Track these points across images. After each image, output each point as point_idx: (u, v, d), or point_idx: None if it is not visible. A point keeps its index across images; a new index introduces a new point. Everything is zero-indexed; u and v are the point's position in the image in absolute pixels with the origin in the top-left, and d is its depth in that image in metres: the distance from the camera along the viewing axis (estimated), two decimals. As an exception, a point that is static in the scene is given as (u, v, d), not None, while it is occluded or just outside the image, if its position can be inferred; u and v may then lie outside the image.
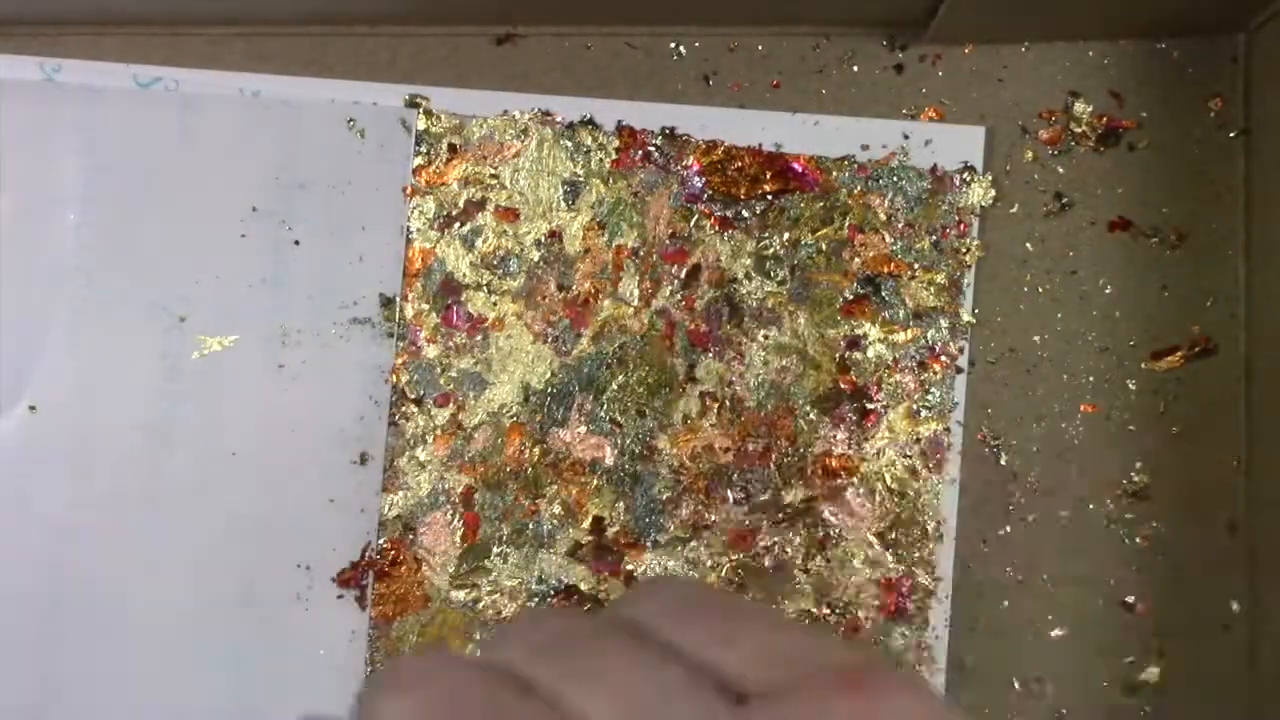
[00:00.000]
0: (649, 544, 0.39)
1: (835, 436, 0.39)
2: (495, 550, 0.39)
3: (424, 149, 0.39)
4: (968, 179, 0.39)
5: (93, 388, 0.38)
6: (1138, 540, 0.39)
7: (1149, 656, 0.39)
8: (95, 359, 0.38)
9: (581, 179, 0.39)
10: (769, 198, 0.39)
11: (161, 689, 0.38)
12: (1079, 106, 0.39)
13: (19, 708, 0.38)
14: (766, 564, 0.39)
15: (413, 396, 0.39)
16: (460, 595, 0.39)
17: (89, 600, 0.38)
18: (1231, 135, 0.39)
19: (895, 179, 0.39)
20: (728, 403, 0.39)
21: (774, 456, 0.39)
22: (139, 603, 0.38)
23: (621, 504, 0.39)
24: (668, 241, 0.39)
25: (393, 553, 0.38)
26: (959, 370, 0.39)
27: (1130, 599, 0.39)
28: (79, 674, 0.38)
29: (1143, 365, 0.39)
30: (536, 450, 0.39)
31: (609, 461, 0.39)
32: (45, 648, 0.38)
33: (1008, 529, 0.39)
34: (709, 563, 0.39)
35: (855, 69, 0.40)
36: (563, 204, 0.39)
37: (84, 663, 0.38)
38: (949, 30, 0.38)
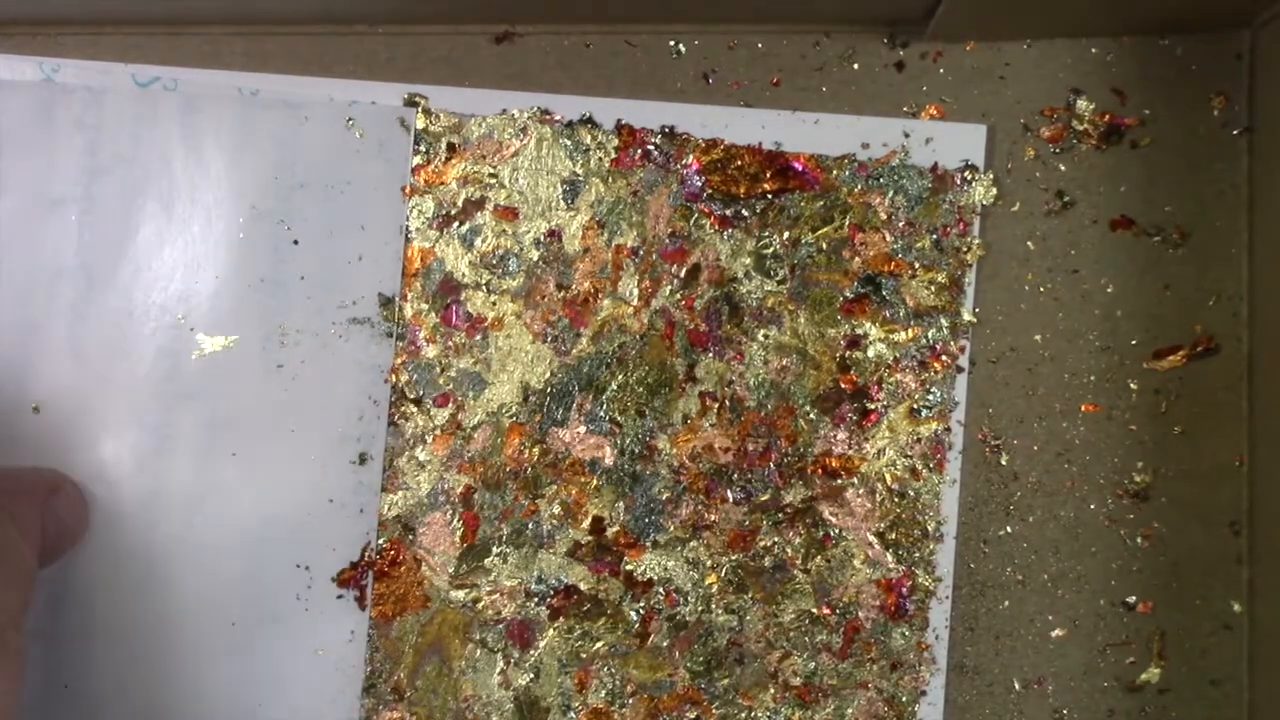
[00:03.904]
0: (649, 544, 0.39)
1: (835, 436, 0.39)
2: (495, 550, 0.39)
3: (423, 148, 0.39)
4: (969, 177, 0.39)
5: (92, 388, 0.38)
6: (1139, 540, 0.39)
7: (1150, 656, 0.39)
8: (95, 359, 0.38)
9: (581, 178, 0.39)
10: (769, 196, 0.39)
11: (159, 688, 0.38)
12: (1081, 104, 0.39)
13: (16, 707, 0.38)
14: (766, 564, 0.39)
15: (412, 396, 0.39)
16: (460, 595, 0.39)
17: (86, 601, 0.38)
18: (1235, 133, 0.39)
19: (896, 178, 0.39)
20: (728, 402, 0.39)
21: (774, 456, 0.39)
22: (137, 601, 0.38)
23: (621, 504, 0.39)
24: (667, 240, 0.39)
25: (392, 553, 0.39)
26: (960, 370, 0.39)
27: (1131, 599, 0.39)
28: (76, 675, 0.38)
29: (1144, 364, 0.39)
30: (536, 450, 0.39)
31: (608, 461, 0.39)
32: (43, 648, 0.38)
33: (1008, 529, 0.39)
34: (709, 563, 0.39)
35: (855, 66, 0.39)
36: (562, 203, 0.39)
37: (81, 663, 0.38)
38: (949, 27, 0.38)
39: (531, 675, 0.39)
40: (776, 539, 0.39)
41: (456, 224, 0.39)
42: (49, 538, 0.34)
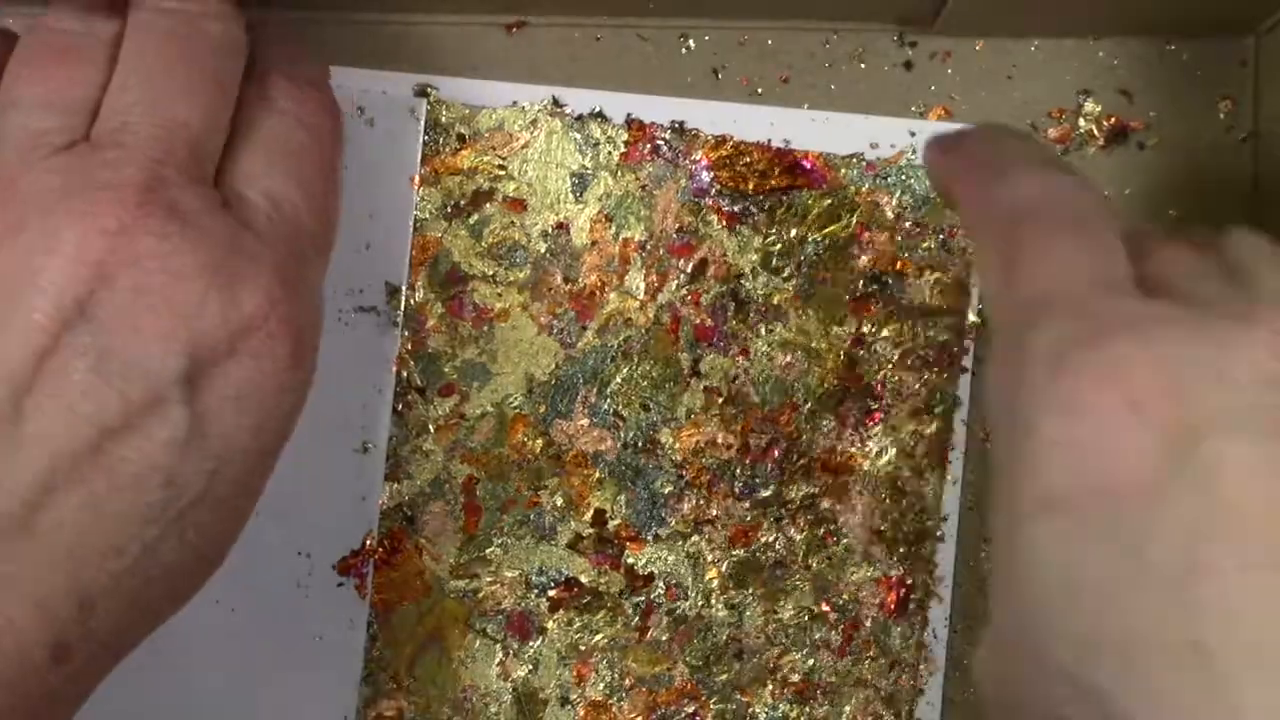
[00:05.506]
0: (650, 537, 0.39)
1: (839, 434, 0.39)
2: (496, 541, 0.39)
3: (432, 138, 0.39)
4: (976, 178, 0.39)
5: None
6: (1139, 542, 0.39)
7: (1148, 658, 0.39)
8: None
9: (590, 171, 0.39)
10: (777, 194, 0.39)
11: (159, 675, 0.38)
12: (1089, 105, 0.39)
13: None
14: (767, 560, 0.39)
15: (416, 386, 0.39)
16: (460, 585, 0.39)
17: (89, 584, 0.38)
18: (1241, 138, 0.39)
19: (904, 177, 0.39)
20: (732, 398, 0.39)
21: (777, 452, 0.39)
22: (139, 587, 0.38)
23: (623, 497, 0.39)
24: (675, 236, 0.39)
25: (393, 542, 0.38)
26: (963, 370, 0.39)
27: (1130, 601, 0.39)
28: (78, 658, 0.38)
29: (1147, 367, 0.39)
30: (539, 442, 0.39)
31: (611, 454, 0.39)
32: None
33: (1009, 529, 0.39)
34: (709, 557, 0.39)
35: (864, 65, 0.40)
36: (570, 196, 0.39)
37: (83, 646, 0.38)
38: (958, 22, 0.38)
39: (530, 666, 0.39)
40: (778, 535, 0.39)
41: (465, 215, 0.39)
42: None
